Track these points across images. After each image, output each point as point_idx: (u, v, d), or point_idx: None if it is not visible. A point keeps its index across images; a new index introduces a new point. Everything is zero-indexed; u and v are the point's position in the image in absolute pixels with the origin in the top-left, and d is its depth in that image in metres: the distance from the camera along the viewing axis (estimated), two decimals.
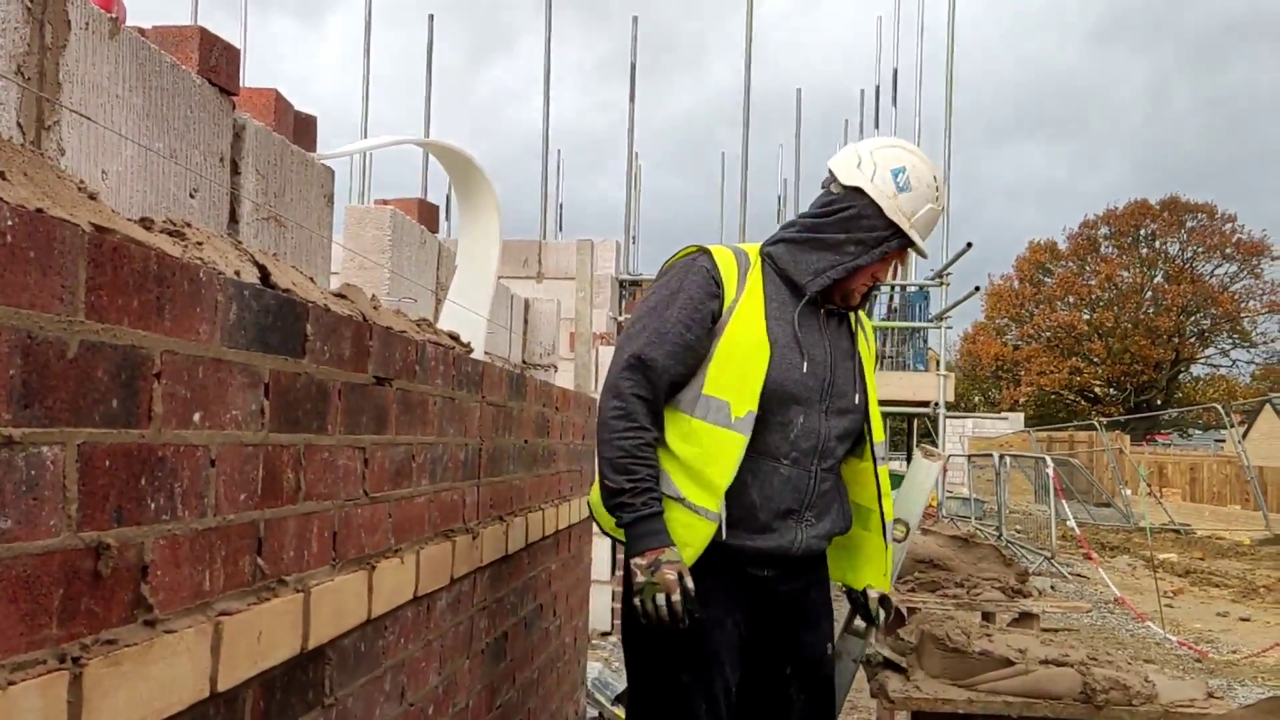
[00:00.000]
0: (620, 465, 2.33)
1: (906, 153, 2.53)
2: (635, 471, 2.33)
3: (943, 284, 12.88)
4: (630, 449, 2.33)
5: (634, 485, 2.32)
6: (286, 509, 1.42)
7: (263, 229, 2.17)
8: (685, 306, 2.40)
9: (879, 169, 2.46)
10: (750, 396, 2.38)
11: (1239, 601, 11.12)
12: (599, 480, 2.41)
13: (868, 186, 2.45)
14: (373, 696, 1.76)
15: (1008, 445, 26.80)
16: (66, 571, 0.97)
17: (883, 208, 2.44)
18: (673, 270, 2.49)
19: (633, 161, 13.01)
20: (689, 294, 2.41)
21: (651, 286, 2.51)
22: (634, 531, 2.32)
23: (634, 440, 2.34)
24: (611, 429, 2.35)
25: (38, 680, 0.91)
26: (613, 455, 2.34)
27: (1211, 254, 47.54)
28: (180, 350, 1.14)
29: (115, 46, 1.60)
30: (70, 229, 0.95)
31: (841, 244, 2.46)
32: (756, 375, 2.39)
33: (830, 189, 2.52)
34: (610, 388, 2.39)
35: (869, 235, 2.45)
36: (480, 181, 3.24)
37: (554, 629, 3.54)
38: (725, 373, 2.39)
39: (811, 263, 2.47)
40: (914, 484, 2.98)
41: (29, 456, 0.91)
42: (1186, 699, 2.82)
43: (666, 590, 2.27)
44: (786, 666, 2.56)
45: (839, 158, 2.54)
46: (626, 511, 2.33)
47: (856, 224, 2.45)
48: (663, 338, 2.38)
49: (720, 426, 2.37)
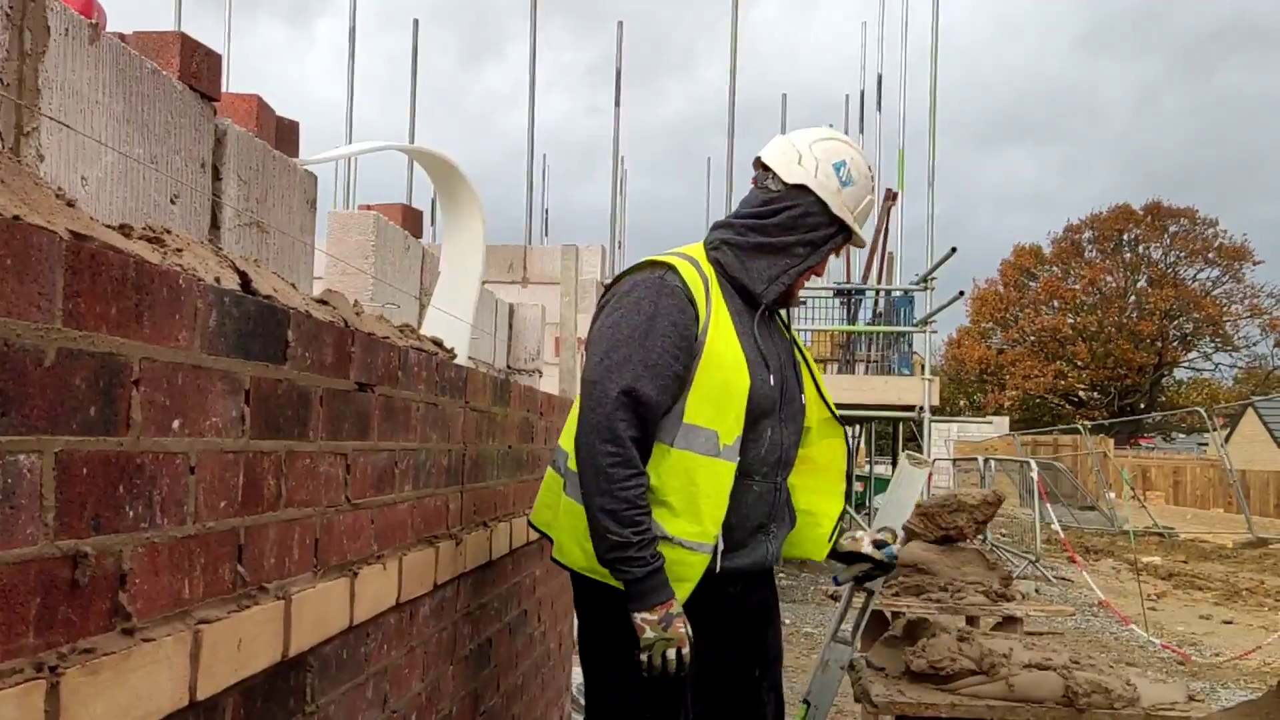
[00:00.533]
0: (625, 518, 2.16)
1: (843, 145, 2.47)
2: (640, 523, 2.18)
3: (927, 289, 12.93)
4: (634, 499, 2.18)
5: (640, 539, 2.17)
6: (268, 516, 1.41)
7: (245, 234, 2.17)
8: (668, 334, 2.24)
9: (820, 164, 2.39)
10: (736, 422, 2.29)
11: (1222, 604, 11.19)
12: (593, 531, 2.22)
13: (811, 183, 2.37)
14: (355, 704, 1.75)
15: (992, 449, 26.91)
16: (44, 580, 0.96)
17: (829, 204, 2.38)
18: (639, 289, 2.30)
19: (618, 166, 13.02)
20: (670, 319, 2.25)
21: (612, 305, 2.32)
22: (643, 586, 2.18)
23: (636, 489, 2.18)
24: (611, 478, 2.17)
25: (14, 689, 0.90)
26: (616, 507, 2.17)
27: (1194, 259, 47.88)
28: (159, 357, 1.14)
29: (95, 52, 1.60)
30: (47, 236, 0.95)
31: (790, 247, 2.39)
32: (740, 399, 2.29)
33: (768, 185, 2.42)
34: (601, 428, 2.18)
35: (816, 234, 2.39)
36: (464, 187, 3.24)
37: (538, 635, 3.54)
38: (709, 399, 2.27)
39: (762, 270, 2.39)
40: (901, 491, 2.98)
41: (6, 465, 0.90)
42: (1168, 702, 2.84)
43: (679, 645, 2.20)
44: (756, 669, 2.56)
45: (775, 152, 2.44)
46: (635, 566, 2.18)
47: (803, 223, 2.38)
48: (652, 370, 2.21)
49: (709, 456, 2.26)
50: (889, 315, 15.52)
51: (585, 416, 2.22)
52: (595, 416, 2.20)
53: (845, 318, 15.28)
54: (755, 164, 2.48)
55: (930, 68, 12.67)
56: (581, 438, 2.22)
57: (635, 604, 2.20)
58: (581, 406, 2.25)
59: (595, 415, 2.20)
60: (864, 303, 15.66)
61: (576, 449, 2.24)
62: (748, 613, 2.51)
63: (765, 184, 2.43)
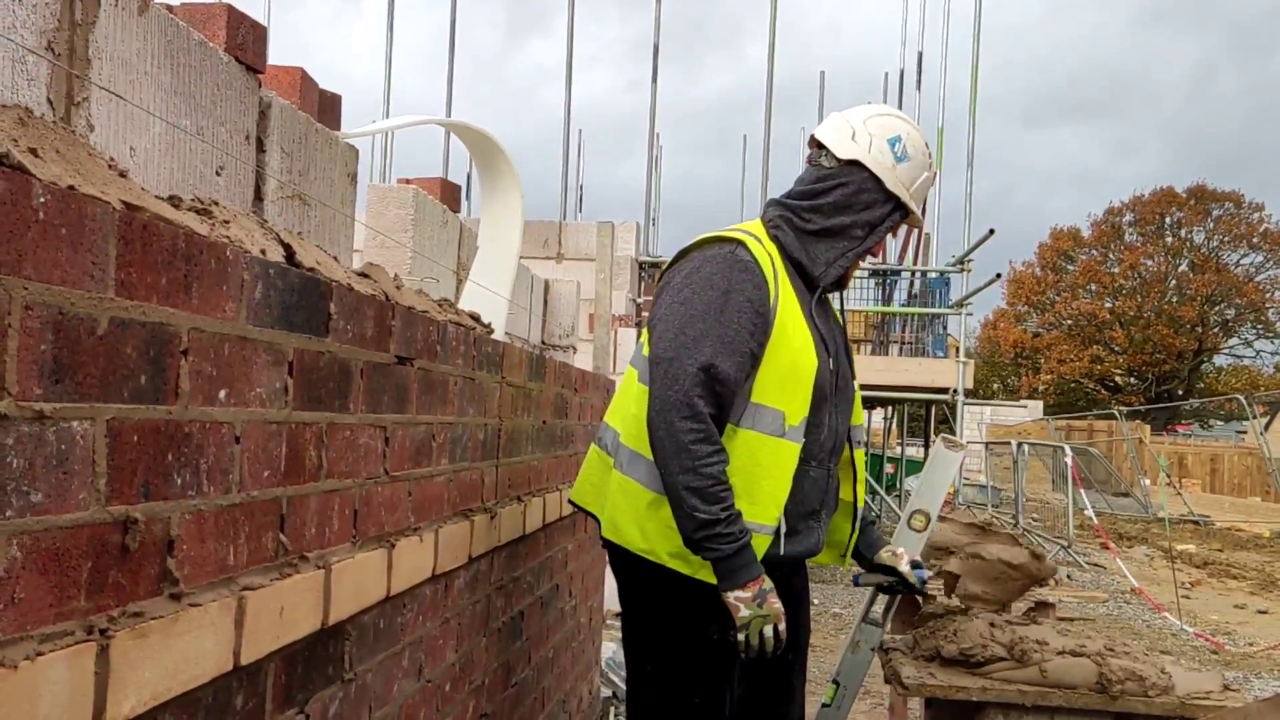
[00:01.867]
0: (711, 494, 2.12)
1: (899, 120, 2.42)
2: (726, 500, 2.14)
3: (964, 270, 12.81)
4: (718, 475, 2.13)
5: (728, 514, 2.13)
6: (309, 487, 1.43)
7: (287, 207, 2.18)
8: (744, 310, 2.20)
9: (875, 140, 2.35)
10: (803, 403, 2.26)
11: (1257, 594, 11.06)
12: (678, 511, 2.16)
13: (865, 158, 2.33)
14: (391, 672, 1.78)
15: (1026, 433, 26.69)
16: (95, 545, 0.98)
17: (883, 180, 2.34)
18: (710, 265, 2.25)
19: (654, 143, 12.97)
20: (745, 294, 2.21)
21: (680, 281, 2.27)
22: (732, 564, 2.15)
23: (719, 465, 2.14)
24: (695, 455, 2.12)
25: (66, 651, 0.92)
26: (702, 484, 2.12)
27: (1238, 243, 47.09)
28: (207, 328, 1.15)
29: (144, 23, 1.61)
30: (101, 206, 0.96)
31: (847, 228, 2.35)
32: (808, 380, 2.27)
33: (821, 162, 2.38)
34: (680, 405, 2.13)
35: (872, 213, 2.35)
36: (502, 162, 3.24)
37: (570, 609, 3.56)
38: (777, 379, 2.24)
39: (821, 253, 2.36)
40: (935, 474, 2.97)
41: (59, 431, 0.92)
42: (1202, 691, 2.82)
43: (775, 620, 2.18)
44: (790, 652, 2.56)
45: (829, 129, 2.40)
46: (725, 542, 2.13)
47: (857, 200, 2.34)
48: (729, 347, 2.17)
49: (774, 436, 2.23)
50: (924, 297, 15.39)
51: (661, 393, 2.16)
52: (673, 393, 2.14)
53: (880, 298, 15.16)
54: (810, 142, 2.45)
55: (973, 46, 12.49)
56: (657, 415, 2.16)
57: (727, 583, 2.16)
58: (655, 383, 2.19)
59: (673, 392, 2.15)
60: (899, 284, 15.53)
61: (651, 427, 2.18)
62: (791, 598, 2.51)
63: (819, 161, 2.39)
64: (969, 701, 2.86)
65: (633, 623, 2.43)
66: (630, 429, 2.31)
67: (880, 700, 5.38)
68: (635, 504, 2.28)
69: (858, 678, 2.90)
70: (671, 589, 2.26)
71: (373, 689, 1.69)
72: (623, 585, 2.44)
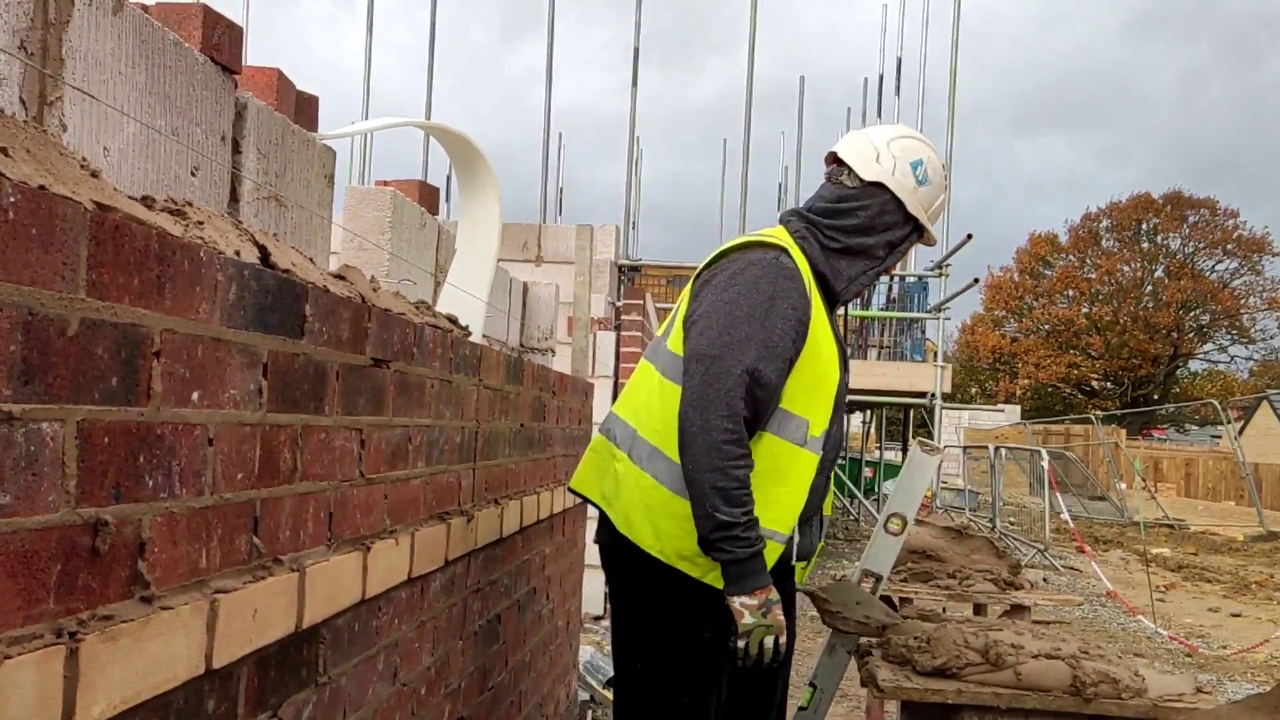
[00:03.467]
0: (735, 497, 2.14)
1: (920, 144, 2.47)
2: (747, 504, 2.16)
3: (942, 275, 12.88)
4: (744, 479, 2.16)
5: (747, 519, 2.15)
6: (283, 489, 1.43)
7: (263, 208, 2.17)
8: (788, 317, 2.23)
9: (898, 163, 2.40)
10: (825, 414, 2.32)
11: (1230, 597, 11.17)
12: (698, 508, 2.17)
13: (889, 181, 2.38)
14: (366, 676, 1.77)
15: (1003, 437, 26.85)
16: (64, 547, 0.97)
17: (905, 203, 2.39)
18: (755, 268, 2.26)
19: (634, 146, 12.99)
20: (790, 302, 2.24)
21: (724, 282, 2.27)
22: (743, 569, 2.17)
23: (745, 469, 2.17)
24: (726, 455, 2.13)
25: (34, 654, 0.91)
26: (728, 485, 2.14)
27: (1213, 250, 47.56)
28: (180, 329, 1.14)
29: (118, 23, 1.60)
30: (72, 206, 0.96)
31: (870, 249, 2.41)
32: (830, 391, 2.33)
33: (843, 181, 2.42)
34: (720, 404, 2.14)
35: (893, 234, 2.41)
36: (481, 165, 3.24)
37: (547, 612, 3.56)
38: (805, 388, 2.28)
39: (844, 269, 2.41)
40: (912, 478, 2.98)
41: (29, 433, 0.91)
42: (1175, 693, 2.84)
43: (778, 632, 2.21)
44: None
45: (853, 149, 2.43)
46: (740, 546, 2.14)
47: (880, 222, 2.39)
48: (773, 352, 2.20)
49: (797, 445, 2.27)
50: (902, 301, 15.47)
51: (700, 389, 2.16)
52: (714, 391, 2.15)
53: (858, 302, 15.23)
54: (829, 158, 2.49)
55: (951, 53, 12.58)
56: (693, 410, 2.16)
57: (734, 587, 2.18)
58: (693, 378, 2.18)
59: (714, 390, 2.15)
60: (877, 288, 15.61)
61: (684, 421, 2.17)
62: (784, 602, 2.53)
63: (840, 179, 2.43)
64: (945, 704, 2.87)
65: (625, 619, 2.42)
66: (653, 425, 2.31)
67: (857, 704, 5.40)
68: (649, 500, 2.28)
69: (834, 681, 2.91)
70: (670, 588, 2.27)
71: (347, 692, 1.69)
72: (619, 581, 2.42)
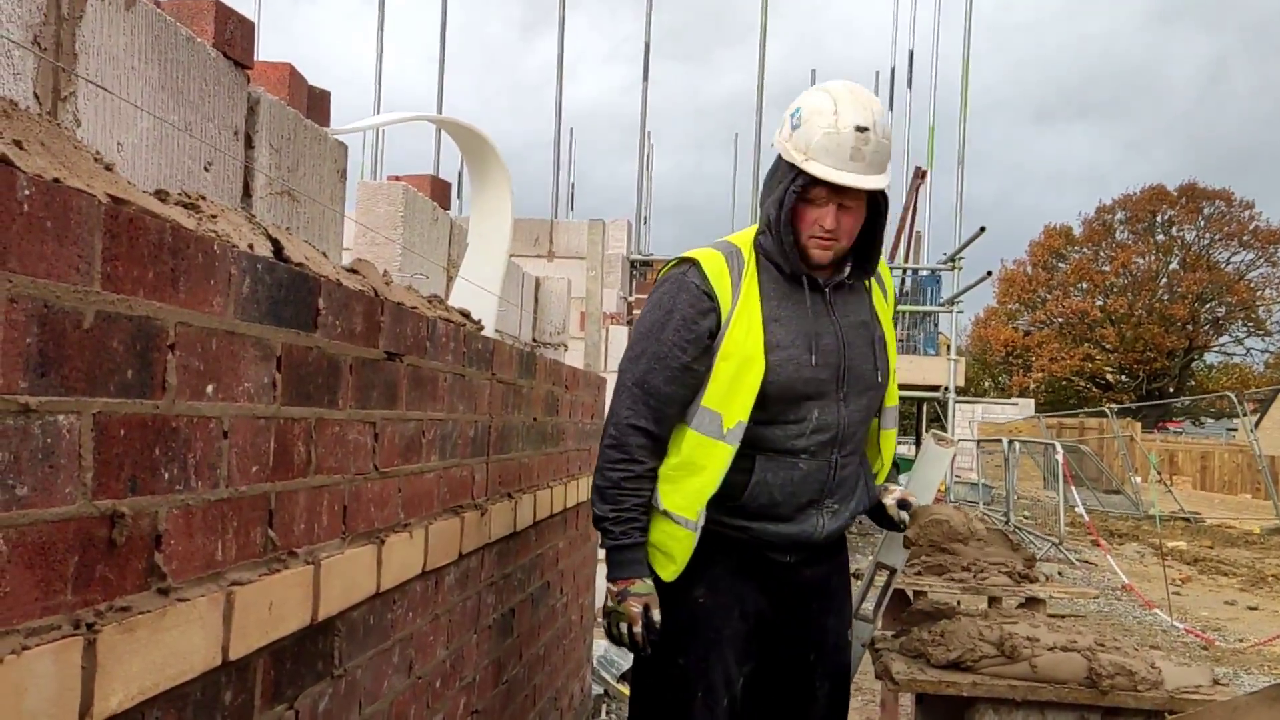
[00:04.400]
0: (607, 495, 2.42)
1: (809, 91, 2.39)
2: (621, 502, 2.40)
3: (955, 268, 12.84)
4: (617, 480, 2.41)
5: (616, 515, 2.40)
6: (298, 482, 1.43)
7: (276, 203, 2.18)
8: (679, 328, 2.38)
9: (782, 123, 2.40)
10: (741, 408, 2.37)
11: (1247, 590, 11.11)
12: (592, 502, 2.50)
13: (776, 142, 2.40)
14: (381, 669, 1.77)
15: (1017, 431, 26.73)
16: (81, 539, 0.98)
17: (782, 154, 2.37)
18: (664, 286, 2.44)
19: (645, 141, 12.99)
20: (682, 314, 2.38)
21: (646, 302, 2.51)
22: (612, 558, 2.43)
23: (621, 473, 2.40)
24: (605, 458, 2.43)
25: (52, 646, 0.92)
26: (601, 484, 2.43)
27: (1228, 241, 47.21)
28: (194, 322, 1.15)
29: (131, 18, 1.60)
30: (87, 200, 0.96)
31: (769, 213, 2.37)
32: (750, 386, 2.36)
33: None
34: (611, 414, 2.45)
35: (779, 190, 2.35)
36: (493, 159, 3.24)
37: (560, 606, 3.56)
38: (721, 385, 2.38)
39: (773, 249, 2.39)
40: (925, 470, 2.97)
41: (45, 425, 0.92)
42: (1192, 685, 2.82)
43: (629, 622, 2.38)
44: (810, 653, 2.56)
45: None
46: (608, 538, 2.43)
47: (770, 182, 2.40)
48: (661, 362, 2.38)
49: (710, 437, 2.39)
50: (915, 294, 15.42)
51: (610, 401, 2.48)
52: (614, 402, 2.45)
53: None
54: None
55: (964, 46, 12.53)
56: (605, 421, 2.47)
57: (609, 572, 2.44)
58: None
59: (614, 401, 2.45)
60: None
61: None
62: (807, 590, 2.54)
63: None
64: (960, 697, 2.87)
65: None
66: None
67: (871, 697, 5.39)
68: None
69: (850, 673, 2.90)
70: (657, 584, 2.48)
71: (362, 685, 1.69)
72: None
